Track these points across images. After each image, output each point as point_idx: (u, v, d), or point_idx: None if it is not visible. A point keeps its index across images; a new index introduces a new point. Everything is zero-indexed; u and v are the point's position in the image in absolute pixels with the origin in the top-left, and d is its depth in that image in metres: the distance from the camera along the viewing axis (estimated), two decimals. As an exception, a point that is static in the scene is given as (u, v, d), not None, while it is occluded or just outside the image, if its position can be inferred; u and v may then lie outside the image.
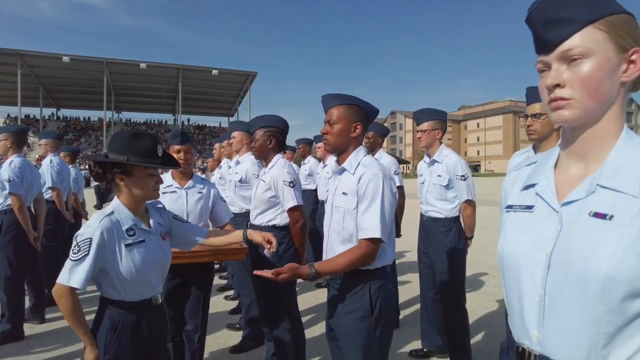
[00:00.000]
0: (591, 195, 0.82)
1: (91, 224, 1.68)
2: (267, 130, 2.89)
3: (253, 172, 3.75)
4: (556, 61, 0.85)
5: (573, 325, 0.80)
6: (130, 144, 1.74)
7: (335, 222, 1.95)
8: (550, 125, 2.34)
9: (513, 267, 0.91)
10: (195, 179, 2.85)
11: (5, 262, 3.76)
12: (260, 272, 1.80)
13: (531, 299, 0.86)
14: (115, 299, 1.72)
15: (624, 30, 0.82)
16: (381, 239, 1.80)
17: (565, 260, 0.81)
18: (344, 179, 1.96)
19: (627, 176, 0.79)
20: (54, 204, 4.81)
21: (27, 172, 3.98)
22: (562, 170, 0.91)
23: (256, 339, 3.59)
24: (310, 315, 4.32)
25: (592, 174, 0.84)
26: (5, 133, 4.05)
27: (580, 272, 0.78)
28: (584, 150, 0.87)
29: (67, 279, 1.61)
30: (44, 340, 3.76)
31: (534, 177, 0.96)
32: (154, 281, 1.82)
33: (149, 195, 1.83)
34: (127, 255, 1.70)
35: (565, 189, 0.87)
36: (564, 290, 0.81)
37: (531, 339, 0.87)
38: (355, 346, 1.83)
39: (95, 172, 1.78)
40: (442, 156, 3.23)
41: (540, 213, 0.89)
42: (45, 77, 47.01)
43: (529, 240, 0.88)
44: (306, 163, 6.36)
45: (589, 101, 0.82)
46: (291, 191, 2.77)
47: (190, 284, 2.70)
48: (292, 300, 2.84)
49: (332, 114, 1.96)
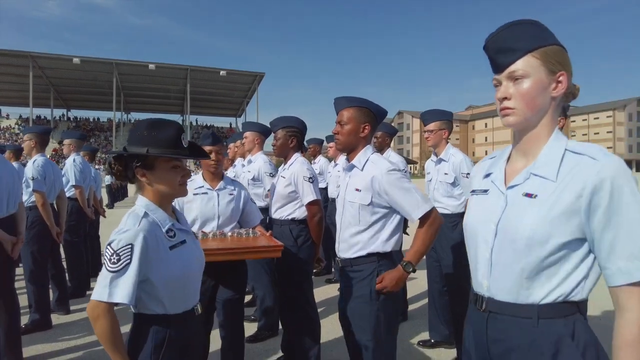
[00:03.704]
0: (527, 181, 1.13)
1: (127, 228, 1.44)
2: (289, 130, 3.07)
3: (265, 170, 3.94)
4: (505, 79, 1.14)
5: (507, 274, 1.11)
6: (150, 134, 1.52)
7: (349, 215, 2.12)
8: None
9: (472, 235, 1.23)
10: (226, 181, 2.86)
11: (30, 255, 3.96)
12: (379, 286, 1.99)
13: (484, 258, 1.18)
14: (158, 314, 1.48)
15: (554, 58, 1.11)
16: (432, 209, 2.01)
17: (505, 228, 1.12)
18: (354, 176, 2.13)
19: (549, 167, 1.10)
20: (76, 201, 5.03)
21: (50, 171, 4.19)
22: (512, 163, 1.22)
23: (271, 329, 3.77)
24: (321, 308, 4.48)
25: (529, 165, 1.14)
26: (30, 134, 4.27)
27: (513, 235, 1.09)
28: (526, 148, 1.17)
29: (107, 294, 1.36)
30: (70, 329, 3.97)
31: (491, 168, 1.27)
32: (197, 286, 1.65)
33: (175, 191, 1.60)
34: (173, 259, 1.50)
35: (511, 176, 1.18)
36: (503, 249, 1.12)
37: (483, 287, 1.19)
38: (365, 326, 2.02)
39: (115, 169, 1.56)
40: (449, 155, 3.39)
41: (493, 195, 1.20)
42: (56, 78, 47.68)
43: (484, 215, 1.19)
44: (317, 162, 6.47)
45: (527, 110, 1.12)
46: (310, 186, 2.96)
47: (223, 286, 2.66)
48: (309, 289, 3.01)
49: (343, 115, 2.14)
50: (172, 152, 1.54)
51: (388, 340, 2.05)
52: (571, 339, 1.05)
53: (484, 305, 1.18)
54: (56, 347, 3.59)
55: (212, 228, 2.72)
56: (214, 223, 2.73)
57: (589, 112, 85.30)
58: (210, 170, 2.77)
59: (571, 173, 1.06)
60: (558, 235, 1.04)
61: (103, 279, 1.38)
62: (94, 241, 5.97)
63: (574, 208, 1.03)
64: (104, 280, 1.38)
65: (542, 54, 1.10)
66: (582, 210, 1.03)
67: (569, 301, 1.06)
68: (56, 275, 4.38)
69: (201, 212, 2.71)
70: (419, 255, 2.01)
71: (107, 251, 1.42)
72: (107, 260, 1.39)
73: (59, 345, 3.62)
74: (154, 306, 1.47)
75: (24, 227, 3.30)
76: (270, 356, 3.35)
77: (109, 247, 1.41)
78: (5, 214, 3.05)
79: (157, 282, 1.45)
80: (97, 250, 6.08)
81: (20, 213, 3.23)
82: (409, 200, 1.99)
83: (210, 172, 2.79)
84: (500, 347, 1.14)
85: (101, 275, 1.40)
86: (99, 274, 1.41)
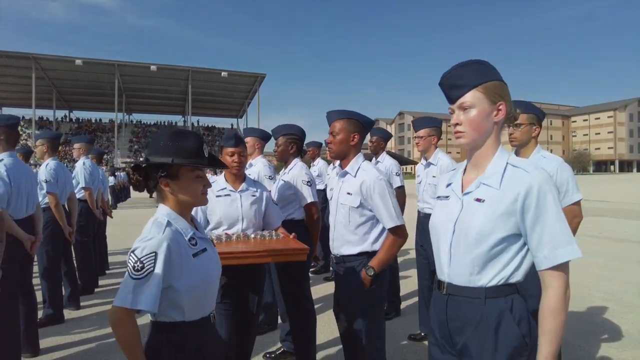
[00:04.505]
0: (477, 189, 1.39)
1: (151, 236, 1.45)
2: (289, 137, 3.33)
3: (264, 173, 4.16)
4: (457, 109, 1.43)
5: (462, 263, 1.37)
6: (175, 144, 1.54)
7: (340, 216, 2.38)
8: (528, 134, 2.71)
9: (436, 233, 1.49)
10: (248, 182, 2.82)
11: (44, 254, 4.20)
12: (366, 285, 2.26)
13: (445, 251, 1.44)
14: (176, 321, 1.50)
15: (495, 92, 1.39)
16: (402, 225, 2.28)
17: (461, 226, 1.38)
18: (347, 181, 2.38)
19: (494, 177, 1.37)
20: (86, 203, 5.29)
21: (61, 174, 4.43)
22: (467, 174, 1.49)
23: (270, 323, 4.00)
24: (321, 303, 4.72)
25: (480, 176, 1.41)
26: (42, 139, 4.53)
27: (466, 231, 1.36)
28: (477, 162, 1.45)
29: (130, 300, 1.36)
30: (82, 323, 4.22)
31: (452, 179, 1.55)
32: (215, 293, 1.69)
33: (197, 201, 1.62)
34: (196, 267, 1.52)
35: (467, 185, 1.45)
36: (459, 243, 1.39)
37: (444, 274, 1.45)
38: (357, 312, 2.29)
39: (135, 179, 1.55)
40: (437, 159, 3.64)
41: (452, 200, 1.47)
42: (59, 79, 48.08)
43: (445, 216, 1.46)
44: (315, 165, 6.67)
45: (474, 133, 1.40)
46: (308, 189, 3.22)
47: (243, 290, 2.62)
48: (307, 285, 3.25)
49: (335, 127, 2.39)
50: (196, 161, 1.56)
51: (375, 322, 2.31)
52: (510, 313, 1.32)
53: (445, 289, 1.44)
54: (69, 339, 3.83)
55: (236, 230, 2.69)
56: (238, 225, 2.70)
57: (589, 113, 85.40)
58: (232, 172, 2.75)
59: (510, 182, 1.33)
60: (499, 231, 1.30)
61: (126, 285, 1.38)
62: (101, 241, 6.23)
63: (512, 209, 1.30)
64: (127, 287, 1.38)
65: (485, 88, 1.38)
66: (518, 211, 1.29)
67: (508, 283, 1.33)
68: (68, 273, 4.63)
69: (225, 214, 2.68)
70: (382, 264, 2.27)
71: (130, 258, 1.41)
72: (131, 267, 1.40)
73: (71, 337, 3.87)
74: (174, 314, 1.48)
75: (41, 227, 3.53)
76: (270, 347, 3.58)
77: (132, 255, 1.41)
78: (25, 215, 3.29)
79: (181, 289, 1.46)
80: (105, 249, 6.34)
81: (37, 214, 3.47)
82: (386, 210, 2.26)
83: (232, 174, 2.76)
84: (457, 323, 1.40)
85: (124, 282, 1.40)
86: (122, 282, 1.41)
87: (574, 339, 3.70)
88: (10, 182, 3.08)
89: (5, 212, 2.94)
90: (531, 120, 2.67)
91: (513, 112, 1.43)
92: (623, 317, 4.25)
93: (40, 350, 3.52)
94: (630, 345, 3.57)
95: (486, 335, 1.33)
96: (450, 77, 1.42)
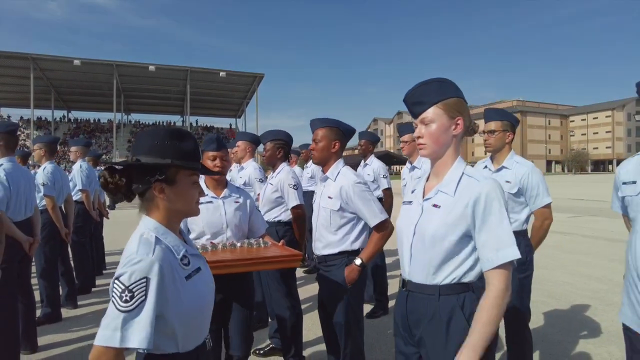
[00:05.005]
0: (436, 195, 1.54)
1: (139, 259, 1.20)
2: (276, 142, 3.47)
3: (255, 176, 4.32)
4: (419, 123, 1.57)
5: (420, 262, 1.52)
6: (173, 144, 1.32)
7: (322, 219, 2.53)
8: (502, 140, 2.85)
9: (400, 235, 1.63)
10: (231, 188, 2.65)
11: (42, 255, 4.34)
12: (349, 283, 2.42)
13: (407, 251, 1.58)
14: (168, 353, 1.28)
15: (453, 108, 1.53)
16: (385, 219, 2.41)
17: (420, 229, 1.53)
18: (328, 185, 2.52)
19: (450, 186, 1.51)
20: (82, 205, 5.42)
21: (58, 177, 4.56)
22: (429, 182, 1.64)
23: (261, 321, 4.14)
24: (310, 303, 4.86)
25: (439, 184, 1.54)
26: (40, 143, 4.67)
27: (423, 234, 1.50)
28: (437, 171, 1.59)
29: (118, 338, 1.12)
30: (79, 322, 4.36)
31: (416, 186, 1.70)
32: (210, 316, 1.45)
33: (191, 210, 1.41)
34: (190, 291, 1.30)
35: (428, 192, 1.60)
36: (418, 245, 1.53)
37: (406, 273, 1.60)
38: (338, 307, 2.44)
39: (114, 182, 1.29)
40: (421, 163, 3.82)
41: (414, 205, 1.62)
42: (57, 80, 48.02)
43: (408, 220, 1.60)
44: (309, 166, 6.80)
45: (434, 145, 1.54)
46: (295, 193, 3.36)
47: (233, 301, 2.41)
48: (293, 285, 3.38)
49: (317, 134, 2.54)
50: (196, 165, 1.36)
51: (355, 317, 2.46)
52: (461, 309, 1.46)
53: (405, 286, 1.59)
54: (66, 337, 3.96)
55: (221, 239, 2.51)
56: (223, 234, 2.53)
57: (587, 112, 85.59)
58: (214, 178, 2.60)
59: (463, 190, 1.47)
60: (452, 234, 1.44)
61: (112, 320, 1.13)
62: (98, 241, 6.37)
63: (463, 214, 1.44)
64: (114, 321, 1.13)
65: (444, 105, 1.52)
66: (469, 216, 1.43)
67: (461, 282, 1.47)
68: (65, 273, 4.77)
69: (208, 223, 2.49)
70: (370, 256, 2.44)
71: (115, 287, 1.17)
72: (117, 297, 1.15)
73: (68, 335, 4.00)
74: (166, 345, 1.27)
75: (39, 228, 3.66)
76: (260, 344, 3.71)
77: (118, 283, 1.17)
78: (24, 218, 3.42)
79: (172, 318, 1.24)
80: (101, 249, 6.48)
81: (35, 216, 3.60)
82: (368, 209, 2.40)
83: (214, 180, 2.60)
84: (415, 316, 1.55)
85: (109, 316, 1.15)
86: (105, 315, 1.16)
87: (555, 335, 3.85)
88: (9, 186, 3.21)
89: (5, 214, 3.08)
90: (505, 127, 2.81)
91: (472, 126, 1.58)
92: (604, 314, 4.39)
93: (39, 348, 3.65)
94: (607, 342, 3.71)
95: (439, 328, 1.47)
96: (413, 94, 1.56)
